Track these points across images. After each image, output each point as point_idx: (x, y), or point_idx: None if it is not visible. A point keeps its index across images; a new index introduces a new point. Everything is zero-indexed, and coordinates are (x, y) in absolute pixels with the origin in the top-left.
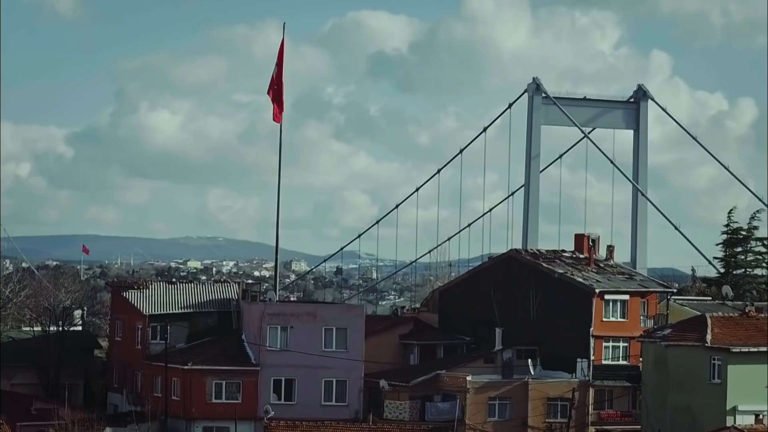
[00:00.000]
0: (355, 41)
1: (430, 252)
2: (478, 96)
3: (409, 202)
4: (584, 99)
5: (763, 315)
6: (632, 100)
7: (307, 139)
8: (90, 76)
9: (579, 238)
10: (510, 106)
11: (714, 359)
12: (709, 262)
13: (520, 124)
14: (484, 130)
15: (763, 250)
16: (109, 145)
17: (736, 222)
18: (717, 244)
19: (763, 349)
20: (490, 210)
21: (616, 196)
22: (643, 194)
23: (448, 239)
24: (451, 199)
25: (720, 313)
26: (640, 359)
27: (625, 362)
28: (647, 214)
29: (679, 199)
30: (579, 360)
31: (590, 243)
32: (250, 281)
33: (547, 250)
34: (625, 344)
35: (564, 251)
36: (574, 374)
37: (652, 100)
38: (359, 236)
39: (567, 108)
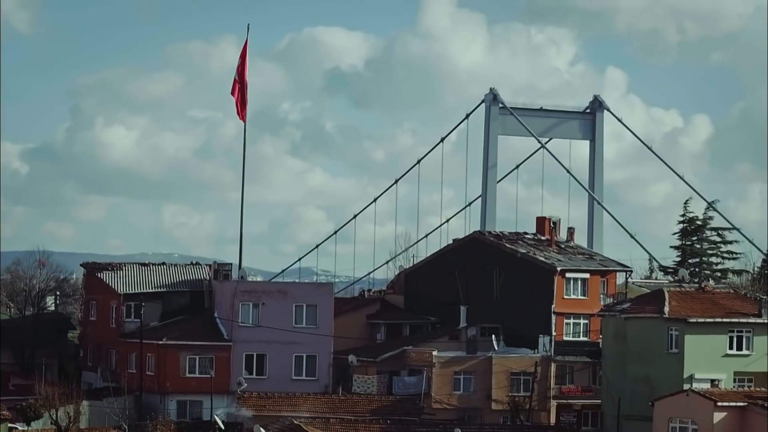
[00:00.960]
0: (311, 57)
1: (387, 263)
2: (434, 112)
3: (367, 219)
4: (541, 110)
5: (719, 290)
6: (588, 111)
7: (263, 155)
8: (46, 92)
9: (540, 221)
10: (467, 116)
11: (672, 330)
12: (666, 272)
13: (478, 136)
14: (442, 140)
15: (718, 239)
16: (65, 161)
17: (692, 212)
18: (673, 234)
19: (719, 320)
20: (447, 221)
21: (573, 211)
22: (599, 203)
23: (405, 250)
24: (408, 215)
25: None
26: (600, 336)
27: (585, 338)
28: (603, 227)
29: (634, 215)
30: (541, 336)
31: (551, 225)
32: (221, 262)
33: (509, 232)
34: (586, 321)
35: (526, 233)
36: (536, 350)
37: (608, 110)
38: (317, 247)
39: (524, 118)
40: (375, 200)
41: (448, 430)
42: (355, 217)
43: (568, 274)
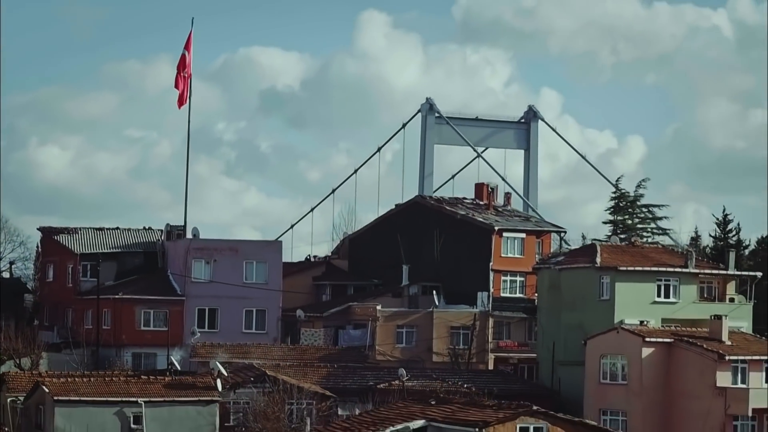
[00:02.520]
0: (246, 77)
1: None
2: (369, 132)
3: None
4: (476, 119)
5: (648, 245)
6: (523, 120)
7: (197, 175)
8: None
9: (479, 187)
10: (404, 126)
11: (603, 278)
12: None
13: (414, 147)
14: (379, 149)
15: (649, 215)
16: None
17: (623, 189)
18: (606, 210)
19: (648, 268)
20: None
21: None
22: (534, 210)
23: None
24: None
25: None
26: (536, 291)
27: (522, 295)
28: None
29: (569, 234)
30: (479, 293)
31: (489, 190)
32: (174, 224)
33: (449, 197)
34: (522, 279)
35: (465, 198)
36: (475, 306)
37: (542, 120)
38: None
39: (460, 128)
40: (312, 210)
41: (392, 372)
42: (292, 226)
43: (505, 234)
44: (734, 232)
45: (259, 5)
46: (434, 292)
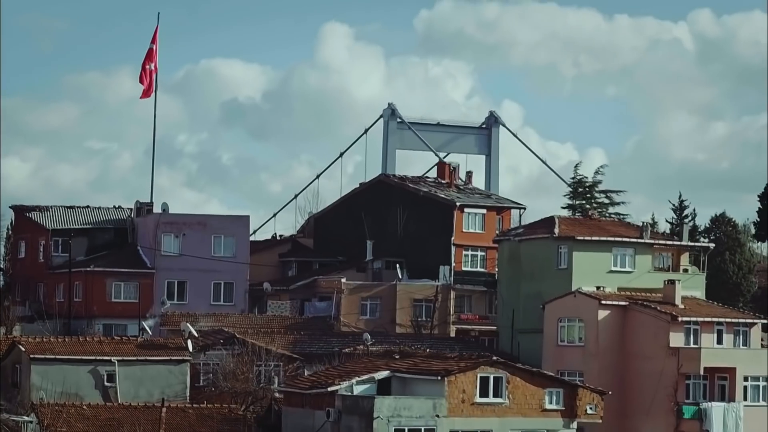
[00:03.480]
0: (208, 89)
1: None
2: (331, 144)
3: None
4: (438, 125)
5: (604, 219)
6: (484, 126)
7: (159, 186)
8: None
9: (441, 166)
10: (366, 131)
11: (561, 248)
12: None
13: (376, 152)
14: (341, 155)
15: (606, 201)
16: None
17: (581, 174)
18: (564, 195)
19: (604, 238)
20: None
21: None
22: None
23: None
24: None
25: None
26: (496, 267)
27: (482, 269)
28: None
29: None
30: (441, 266)
31: (451, 169)
32: (143, 201)
33: (412, 176)
34: (483, 253)
35: (428, 177)
36: (437, 279)
37: (503, 126)
38: None
39: (422, 133)
40: (275, 215)
41: (357, 338)
42: (254, 232)
43: (466, 210)
44: (690, 218)
45: (221, 17)
46: (397, 266)
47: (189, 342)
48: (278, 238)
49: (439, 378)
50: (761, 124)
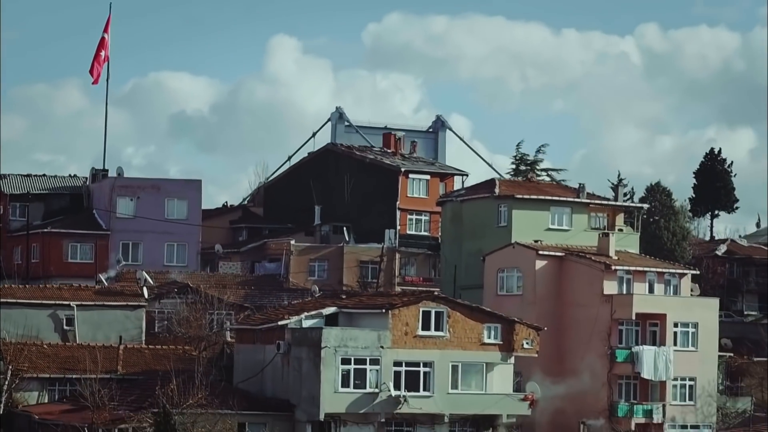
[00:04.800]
0: (155, 102)
1: None
2: (279, 156)
3: None
4: (385, 128)
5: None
6: (431, 130)
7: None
8: None
9: (387, 136)
10: (314, 134)
11: (501, 207)
12: None
13: None
14: (289, 158)
15: (548, 179)
16: None
17: (523, 152)
18: (506, 173)
19: (543, 197)
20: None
21: None
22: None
23: None
24: None
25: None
26: (439, 230)
27: (426, 233)
28: None
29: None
30: (387, 230)
31: (396, 139)
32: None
33: (359, 146)
34: (427, 218)
35: (374, 146)
36: (383, 242)
37: (450, 129)
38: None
39: (369, 137)
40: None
41: (305, 293)
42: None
43: (411, 175)
44: (628, 196)
45: (169, 30)
46: (344, 229)
47: (145, 289)
48: (228, 207)
49: (384, 311)
50: (707, 137)
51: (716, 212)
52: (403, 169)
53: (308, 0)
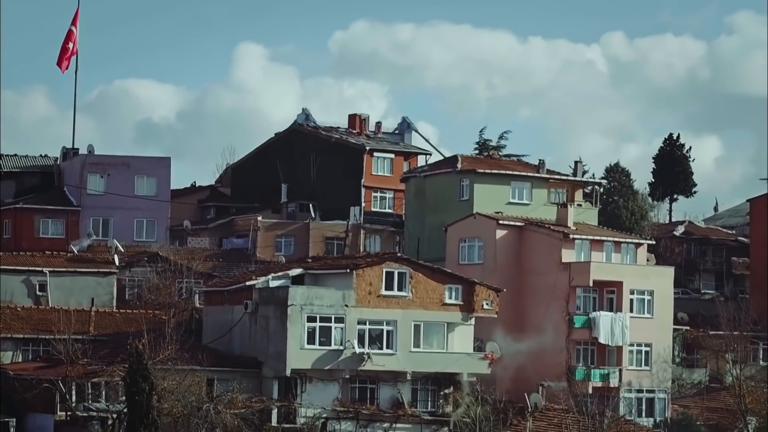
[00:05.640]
0: (122, 109)
1: None
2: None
3: None
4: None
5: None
6: (397, 132)
7: None
8: None
9: (352, 117)
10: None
11: (463, 181)
12: None
13: None
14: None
15: None
16: None
17: (486, 137)
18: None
19: (503, 171)
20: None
21: None
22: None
23: None
24: None
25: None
26: (404, 206)
27: (390, 210)
28: None
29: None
30: (352, 207)
31: (362, 120)
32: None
33: (324, 125)
34: (391, 195)
35: (339, 127)
36: (348, 219)
37: (416, 131)
38: None
39: None
40: None
41: (273, 265)
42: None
43: (375, 154)
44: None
45: (135, 38)
46: (310, 206)
47: (116, 257)
48: (197, 187)
49: (348, 271)
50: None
51: (675, 196)
52: (368, 148)
53: (275, 8)
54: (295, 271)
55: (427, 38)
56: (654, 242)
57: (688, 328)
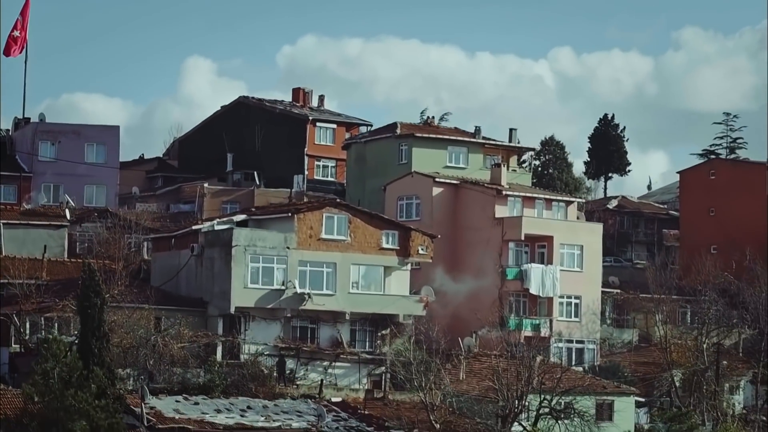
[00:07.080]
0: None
1: None
2: None
3: None
4: None
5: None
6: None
7: None
8: None
9: (296, 91)
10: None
11: (402, 146)
12: None
13: None
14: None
15: None
16: None
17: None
18: None
19: (441, 136)
20: None
21: None
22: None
23: None
24: None
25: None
26: (345, 175)
27: (332, 179)
28: None
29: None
30: (295, 176)
31: (305, 93)
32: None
33: (269, 99)
34: (333, 164)
35: (284, 100)
36: (291, 187)
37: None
38: None
39: None
40: None
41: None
42: None
43: (318, 124)
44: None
45: (83, 51)
46: (255, 174)
47: (67, 211)
48: (144, 159)
49: (290, 215)
50: None
51: (609, 174)
52: (311, 118)
53: (223, 22)
54: (239, 217)
55: (375, 53)
56: (584, 200)
57: (619, 290)
